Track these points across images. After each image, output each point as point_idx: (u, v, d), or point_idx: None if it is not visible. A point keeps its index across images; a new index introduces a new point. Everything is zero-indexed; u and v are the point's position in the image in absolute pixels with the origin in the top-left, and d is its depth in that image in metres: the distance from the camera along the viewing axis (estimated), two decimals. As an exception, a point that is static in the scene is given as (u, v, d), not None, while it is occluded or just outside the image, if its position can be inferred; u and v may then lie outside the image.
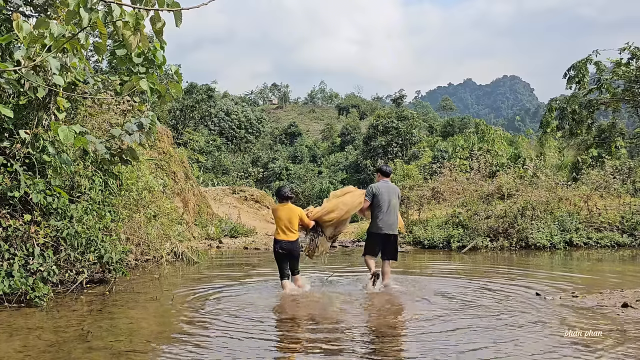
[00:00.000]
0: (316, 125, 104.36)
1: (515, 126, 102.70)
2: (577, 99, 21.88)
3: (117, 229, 7.10)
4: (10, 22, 6.34)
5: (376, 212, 7.01)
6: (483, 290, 6.77)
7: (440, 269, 9.24)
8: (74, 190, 6.74)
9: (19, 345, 4.23)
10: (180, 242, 10.24)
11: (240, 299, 6.34)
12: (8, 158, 5.86)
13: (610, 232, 12.71)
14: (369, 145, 56.62)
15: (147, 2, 3.42)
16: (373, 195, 7.00)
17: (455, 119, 76.24)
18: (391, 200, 7.03)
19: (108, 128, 7.61)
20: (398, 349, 4.30)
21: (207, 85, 62.84)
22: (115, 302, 6.02)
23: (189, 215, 14.26)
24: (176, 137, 38.40)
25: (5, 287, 5.35)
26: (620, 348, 4.04)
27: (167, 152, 14.18)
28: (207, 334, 4.65)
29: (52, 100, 6.16)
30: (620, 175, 15.01)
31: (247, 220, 18.99)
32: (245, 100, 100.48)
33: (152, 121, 6.46)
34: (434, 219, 14.06)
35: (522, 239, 12.28)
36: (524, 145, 29.06)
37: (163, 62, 7.00)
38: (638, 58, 19.73)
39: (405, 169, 26.63)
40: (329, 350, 4.14)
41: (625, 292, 6.19)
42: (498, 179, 14.87)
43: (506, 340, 4.33)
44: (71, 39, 4.18)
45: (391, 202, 7.02)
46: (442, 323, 5.00)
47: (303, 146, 76.56)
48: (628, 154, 24.80)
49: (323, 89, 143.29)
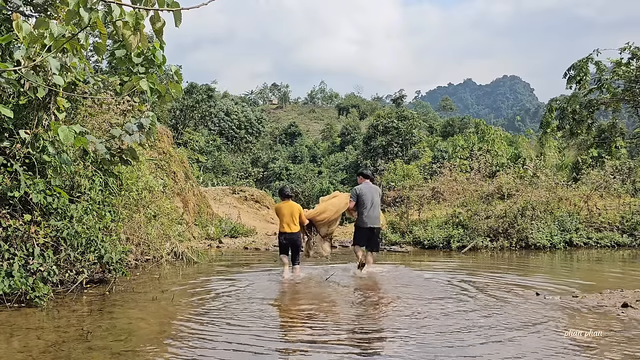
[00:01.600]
0: (316, 125, 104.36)
1: (515, 126, 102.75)
2: (577, 99, 21.87)
3: (117, 229, 7.09)
4: (10, 22, 6.34)
5: (361, 209, 8.29)
6: (482, 289, 6.77)
7: (440, 268, 9.23)
8: (74, 190, 6.74)
9: (19, 345, 4.23)
10: (180, 242, 10.24)
11: (240, 298, 6.34)
12: (8, 158, 5.86)
13: (610, 232, 12.71)
14: (369, 145, 56.61)
15: (147, 2, 3.42)
16: (357, 196, 8.28)
17: (455, 119, 76.26)
18: (373, 199, 8.29)
19: (108, 128, 7.61)
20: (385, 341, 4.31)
21: (207, 85, 62.78)
22: (115, 302, 6.02)
23: (189, 215, 14.26)
24: (176, 137, 38.42)
25: (5, 287, 5.35)
26: (620, 348, 4.04)
27: (167, 152, 14.18)
28: (208, 334, 4.65)
29: (52, 100, 6.16)
30: (620, 175, 15.01)
31: (247, 220, 18.99)
32: (245, 100, 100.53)
33: (152, 121, 6.46)
34: (434, 219, 14.05)
35: (522, 239, 12.28)
36: (524, 145, 29.06)
37: (163, 62, 7.00)
38: (638, 58, 19.74)
39: (405, 169, 26.60)
40: (326, 341, 4.14)
41: (625, 292, 6.19)
42: (498, 179, 14.87)
43: (505, 340, 4.33)
44: (71, 39, 4.18)
45: (374, 200, 8.28)
46: (442, 323, 5.00)
47: (303, 146, 76.59)
48: (628, 154, 24.80)
49: (323, 89, 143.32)
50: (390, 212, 15.54)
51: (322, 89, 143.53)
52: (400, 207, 15.03)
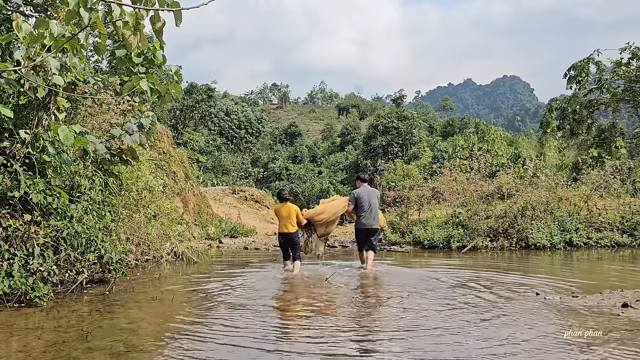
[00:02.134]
0: (316, 125, 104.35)
1: (515, 126, 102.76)
2: (577, 99, 21.88)
3: (117, 229, 7.09)
4: (10, 22, 6.34)
5: (359, 212, 8.64)
6: (482, 289, 6.77)
7: (440, 268, 9.23)
8: (74, 190, 6.74)
9: (19, 345, 4.23)
10: (180, 242, 10.24)
11: (240, 299, 6.34)
12: (8, 158, 5.86)
13: (610, 232, 12.71)
14: (369, 145, 56.59)
15: (147, 2, 3.42)
16: (355, 199, 8.63)
17: (455, 119, 76.25)
18: (371, 201, 8.61)
19: (108, 128, 7.61)
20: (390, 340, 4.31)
21: (207, 85, 62.75)
22: (115, 302, 6.02)
23: (189, 215, 14.26)
24: (176, 137, 38.43)
25: (5, 287, 5.35)
26: (620, 348, 4.04)
27: (167, 152, 14.18)
28: (208, 333, 4.65)
29: (52, 100, 6.16)
30: (620, 175, 15.01)
31: (247, 220, 18.99)
32: (245, 100, 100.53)
33: (152, 121, 6.46)
34: (434, 219, 14.05)
35: (522, 239, 12.28)
36: (524, 145, 29.04)
37: (163, 62, 7.00)
38: (638, 58, 19.74)
39: (405, 169, 26.61)
40: (325, 342, 4.14)
41: (625, 292, 6.19)
42: (498, 179, 14.87)
43: (505, 340, 4.33)
44: (71, 39, 4.18)
45: (371, 203, 8.61)
46: (440, 323, 4.99)
47: (303, 146, 76.55)
48: (628, 154, 24.80)
49: (323, 89, 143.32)
50: (390, 212, 15.56)
51: (322, 89, 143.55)
52: (400, 207, 15.04)
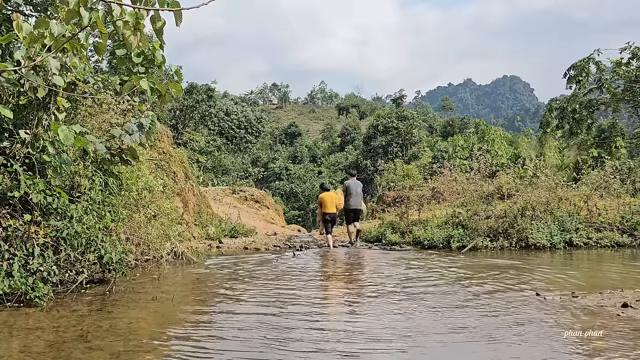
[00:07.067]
0: (316, 125, 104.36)
1: (515, 126, 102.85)
2: (577, 99, 21.88)
3: (117, 229, 7.08)
4: (10, 21, 6.34)
5: (348, 197, 13.67)
6: (481, 289, 6.77)
7: (439, 268, 9.23)
8: (74, 190, 6.73)
9: (19, 345, 4.23)
10: (180, 242, 10.24)
11: (240, 299, 6.34)
12: (8, 158, 5.85)
13: (610, 232, 12.70)
14: (369, 145, 56.62)
15: (148, 1, 3.42)
16: (346, 188, 13.87)
17: (455, 119, 76.36)
18: (357, 190, 13.79)
19: (108, 128, 7.60)
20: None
21: (207, 85, 62.75)
22: (115, 302, 6.01)
23: (189, 215, 14.25)
24: (176, 137, 38.41)
25: (5, 287, 5.34)
26: (620, 348, 4.04)
27: (167, 152, 14.17)
28: (208, 333, 4.65)
29: (52, 100, 6.16)
30: (620, 175, 15.01)
31: (247, 220, 19.00)
32: (245, 100, 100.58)
33: (152, 121, 6.46)
34: (434, 219, 14.05)
35: (522, 239, 12.27)
36: (524, 145, 29.07)
37: (163, 61, 7.00)
38: (638, 58, 19.75)
39: (405, 169, 26.62)
40: (323, 349, 4.14)
41: (625, 292, 6.19)
42: (498, 179, 14.88)
43: (504, 340, 4.33)
44: (71, 39, 4.18)
45: (357, 191, 13.78)
46: (438, 323, 4.99)
47: (303, 146, 76.59)
48: (628, 154, 24.79)
49: (323, 89, 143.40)
50: (390, 212, 15.56)
51: (322, 89, 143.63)
52: (400, 207, 15.05)
